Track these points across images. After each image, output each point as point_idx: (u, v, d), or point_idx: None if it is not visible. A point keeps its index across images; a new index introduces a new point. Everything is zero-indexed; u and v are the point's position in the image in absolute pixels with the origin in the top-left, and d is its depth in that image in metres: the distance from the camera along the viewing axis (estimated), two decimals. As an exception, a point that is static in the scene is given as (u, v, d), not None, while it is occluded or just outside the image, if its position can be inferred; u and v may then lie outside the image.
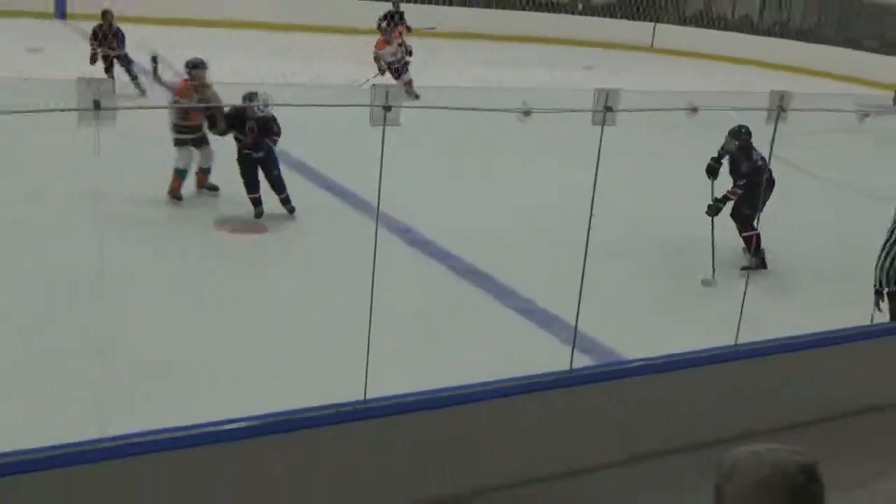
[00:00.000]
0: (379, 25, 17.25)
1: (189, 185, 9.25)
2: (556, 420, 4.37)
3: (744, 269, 7.85)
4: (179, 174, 9.13)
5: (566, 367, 4.55)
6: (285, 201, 8.98)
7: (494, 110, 4.31)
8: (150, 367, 5.57)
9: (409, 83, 15.43)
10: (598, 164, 4.12)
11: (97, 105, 2.93)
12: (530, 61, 21.05)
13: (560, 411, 4.39)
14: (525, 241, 8.49)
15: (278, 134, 8.80)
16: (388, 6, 18.19)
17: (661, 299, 7.49)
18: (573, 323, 4.54)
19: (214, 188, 9.57)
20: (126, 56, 14.09)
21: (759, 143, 5.13)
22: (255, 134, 8.59)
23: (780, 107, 4.58)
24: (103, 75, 12.54)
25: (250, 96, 8.48)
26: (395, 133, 3.62)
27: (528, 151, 11.03)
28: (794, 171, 10.85)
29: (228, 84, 9.82)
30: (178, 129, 9.07)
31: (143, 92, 13.88)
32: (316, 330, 6.33)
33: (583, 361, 5.21)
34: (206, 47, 10.99)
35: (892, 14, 26.63)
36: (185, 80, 9.27)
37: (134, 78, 13.93)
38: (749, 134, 7.71)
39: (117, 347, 5.69)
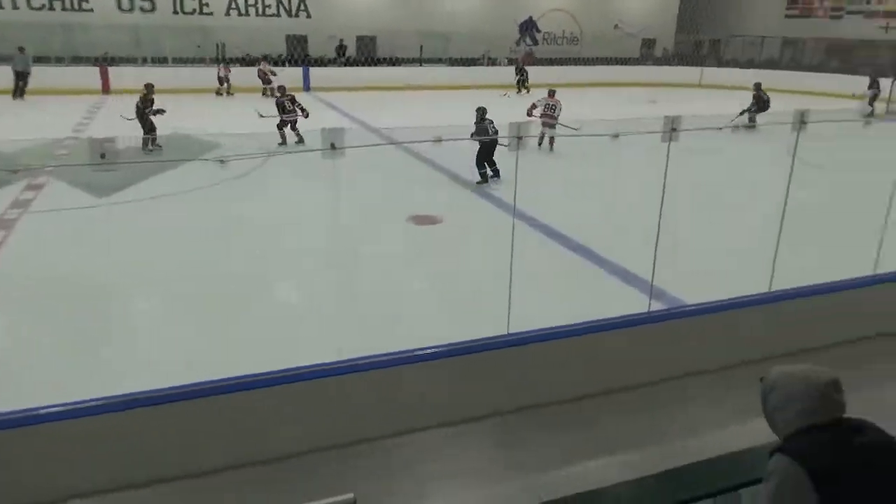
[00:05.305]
0: None
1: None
2: (639, 347, 4.28)
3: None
4: None
5: (644, 310, 4.45)
6: None
7: (584, 135, 4.23)
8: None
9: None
10: (667, 167, 4.00)
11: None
12: (613, 100, 20.44)
13: (640, 341, 4.29)
14: (614, 226, 8.24)
15: None
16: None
17: (712, 264, 7.13)
18: (650, 279, 4.43)
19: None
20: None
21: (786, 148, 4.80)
22: None
23: (801, 121, 4.30)
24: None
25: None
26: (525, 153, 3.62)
27: (616, 163, 10.69)
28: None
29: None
30: None
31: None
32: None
33: (656, 306, 5.04)
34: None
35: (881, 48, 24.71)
36: None
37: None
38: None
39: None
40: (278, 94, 13.28)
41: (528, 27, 28.84)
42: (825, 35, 27.21)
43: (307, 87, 22.31)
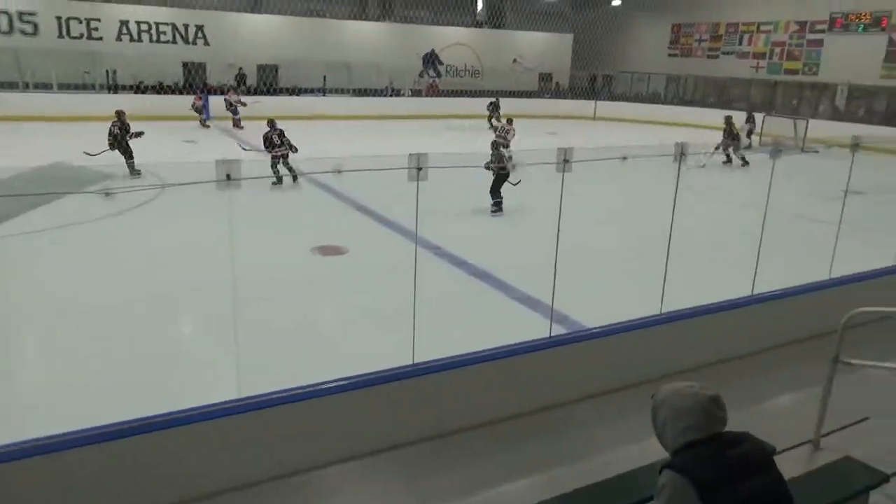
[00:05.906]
0: None
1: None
2: (541, 371, 4.39)
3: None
4: None
5: (546, 334, 4.58)
6: None
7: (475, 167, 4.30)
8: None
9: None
10: (561, 194, 4.15)
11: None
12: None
13: (542, 366, 4.40)
14: (518, 253, 8.42)
15: None
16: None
17: (611, 288, 7.44)
18: (551, 304, 4.56)
19: None
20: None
21: (670, 177, 5.12)
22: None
23: (682, 153, 4.60)
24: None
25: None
26: (427, 185, 3.67)
27: (517, 191, 10.89)
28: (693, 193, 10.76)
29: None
30: None
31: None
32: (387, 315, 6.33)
33: (558, 329, 5.19)
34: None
35: (753, 85, 27.10)
36: None
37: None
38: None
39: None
40: (267, 128, 12.20)
41: (431, 59, 29.42)
42: (703, 73, 29.44)
43: (207, 116, 21.66)
